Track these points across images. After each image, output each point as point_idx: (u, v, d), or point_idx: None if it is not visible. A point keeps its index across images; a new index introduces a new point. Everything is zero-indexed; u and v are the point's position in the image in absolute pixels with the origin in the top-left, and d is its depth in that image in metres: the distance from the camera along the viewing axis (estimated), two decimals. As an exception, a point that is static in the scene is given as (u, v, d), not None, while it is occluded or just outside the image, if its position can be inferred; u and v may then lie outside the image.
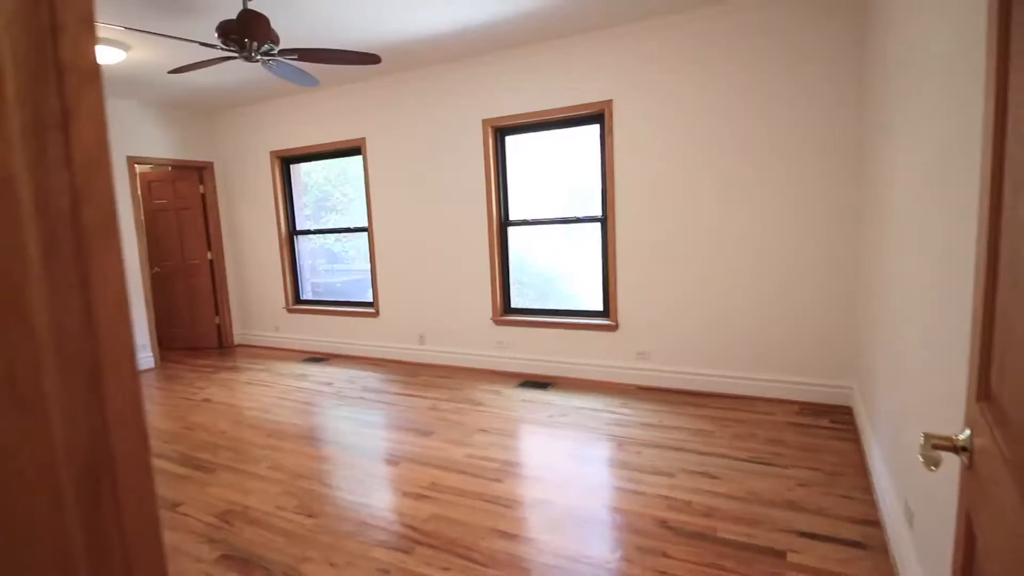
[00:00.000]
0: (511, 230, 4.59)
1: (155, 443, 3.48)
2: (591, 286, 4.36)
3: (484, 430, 3.40)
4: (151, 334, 5.50)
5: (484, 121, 4.43)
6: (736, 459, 2.81)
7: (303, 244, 5.92)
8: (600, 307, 4.26)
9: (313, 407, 4.04)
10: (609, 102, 3.91)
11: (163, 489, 2.85)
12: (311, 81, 3.44)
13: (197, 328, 6.24)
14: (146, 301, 5.46)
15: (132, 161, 5.35)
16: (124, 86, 4.83)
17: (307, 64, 4.23)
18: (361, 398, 4.18)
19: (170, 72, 3.21)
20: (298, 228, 5.86)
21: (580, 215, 4.28)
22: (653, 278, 3.92)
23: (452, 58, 4.41)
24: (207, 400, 4.33)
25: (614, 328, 4.09)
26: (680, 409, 3.57)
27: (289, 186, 5.79)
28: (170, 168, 6.05)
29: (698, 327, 3.81)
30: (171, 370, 5.37)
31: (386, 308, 5.20)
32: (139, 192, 5.60)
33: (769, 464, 2.73)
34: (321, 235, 5.97)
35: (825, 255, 3.39)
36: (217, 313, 6.21)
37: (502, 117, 4.34)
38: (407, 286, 5.03)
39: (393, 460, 3.05)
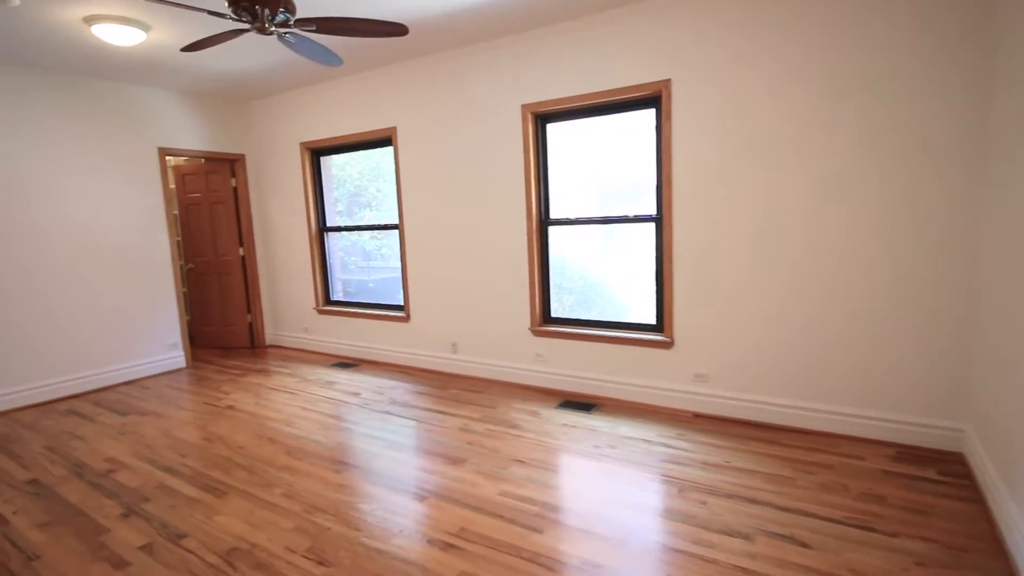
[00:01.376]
0: (552, 230, 4.15)
1: (171, 456, 3.21)
2: (641, 295, 3.88)
3: (521, 460, 2.99)
4: (182, 332, 5.30)
5: (523, 107, 3.98)
6: (827, 519, 2.30)
7: (334, 242, 5.62)
8: (652, 320, 3.78)
9: (337, 421, 3.70)
10: (667, 82, 3.41)
11: (170, 515, 2.55)
12: (334, 60, 3.07)
13: (229, 327, 6.03)
14: (177, 298, 5.25)
15: (163, 152, 5.13)
16: (152, 73, 4.59)
17: (329, 41, 3.89)
18: (388, 412, 3.82)
19: (182, 50, 2.90)
20: (328, 224, 5.56)
21: (630, 214, 3.80)
22: (716, 288, 3.41)
23: (488, 35, 3.98)
24: (231, 407, 4.06)
25: (668, 345, 3.60)
26: (748, 446, 3.07)
27: (319, 180, 5.49)
28: (203, 160, 5.85)
29: (769, 347, 3.29)
30: (201, 371, 5.16)
31: (417, 313, 4.84)
32: (171, 185, 5.40)
33: (870, 529, 2.22)
34: (355, 232, 5.66)
35: (931, 268, 2.82)
36: (249, 312, 5.99)
37: (543, 102, 3.89)
38: (439, 290, 4.66)
39: (419, 494, 2.67)
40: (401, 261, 4.88)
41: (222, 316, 6.04)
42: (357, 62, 4.51)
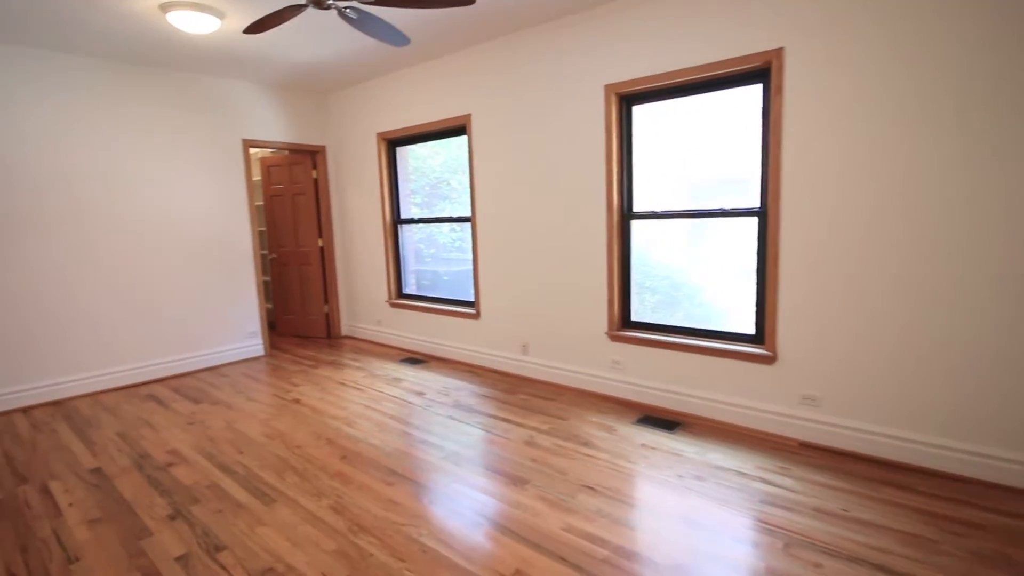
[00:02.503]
0: (634, 224, 3.65)
1: (230, 453, 3.09)
2: (736, 300, 3.31)
3: (591, 487, 2.57)
4: (262, 321, 5.33)
5: (607, 87, 3.51)
6: (997, 613, 1.72)
7: (409, 234, 5.42)
8: (750, 329, 3.20)
9: (398, 423, 3.46)
10: (779, 52, 2.81)
11: (214, 522, 2.38)
12: (401, 39, 2.78)
13: (308, 317, 6.04)
14: (257, 287, 5.28)
15: (248, 144, 5.14)
16: (236, 66, 4.56)
17: (395, 18, 3.60)
18: (451, 417, 3.53)
19: (245, 31, 2.72)
20: (402, 216, 5.36)
21: (727, 206, 3.23)
22: (832, 294, 2.80)
23: (567, 8, 3.53)
24: (296, 401, 3.94)
25: (771, 359, 3.02)
26: (872, 490, 2.46)
27: (395, 171, 5.30)
28: (287, 152, 5.85)
29: (899, 367, 2.64)
30: (277, 359, 5.15)
31: (488, 310, 4.52)
32: (252, 176, 5.42)
33: (1068, 639, 1.62)
34: (432, 225, 5.43)
35: None
36: (326, 303, 5.96)
37: (629, 81, 3.39)
38: (511, 286, 4.30)
39: (473, 521, 2.33)
40: (473, 255, 4.57)
41: (302, 306, 6.05)
42: (430, 48, 4.22)
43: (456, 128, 4.59)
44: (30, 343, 3.98)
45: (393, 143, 5.23)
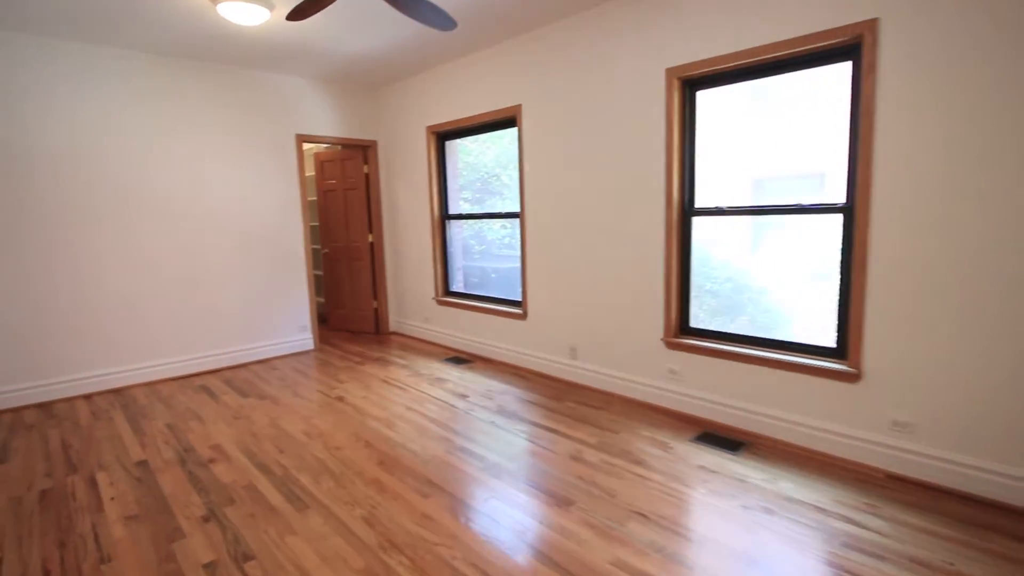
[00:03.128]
0: (695, 221, 3.33)
1: (270, 451, 3.03)
2: (813, 308, 2.93)
3: (642, 514, 2.31)
4: (312, 315, 5.33)
5: (668, 71, 3.19)
6: None
7: (458, 230, 5.27)
8: (830, 342, 2.83)
9: (439, 428, 3.29)
10: (872, 23, 2.42)
11: (246, 527, 2.29)
12: (448, 22, 2.58)
13: (357, 312, 6.02)
14: (308, 282, 5.27)
15: (301, 139, 5.13)
16: (286, 59, 4.52)
17: (445, 3, 3.41)
18: (493, 423, 3.33)
19: (288, 18, 2.60)
20: (450, 212, 5.21)
21: (805, 202, 2.86)
22: (932, 303, 2.39)
23: (634, -6, 3.25)
24: (340, 399, 3.86)
25: (854, 377, 2.65)
26: (980, 538, 2.07)
27: (443, 166, 5.15)
28: (340, 147, 5.83)
29: (1014, 391, 2.23)
30: (326, 354, 5.13)
31: (535, 310, 4.29)
32: (310, 172, 5.42)
33: None
34: (481, 221, 5.26)
35: None
36: (375, 298, 5.91)
37: (693, 64, 3.06)
38: (560, 286, 4.06)
39: (510, 545, 2.13)
40: (521, 252, 4.35)
41: (351, 301, 6.04)
42: (479, 37, 4.02)
43: (506, 120, 4.37)
44: (93, 331, 4.09)
45: (442, 137, 5.08)
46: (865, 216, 2.54)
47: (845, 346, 2.73)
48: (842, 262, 2.73)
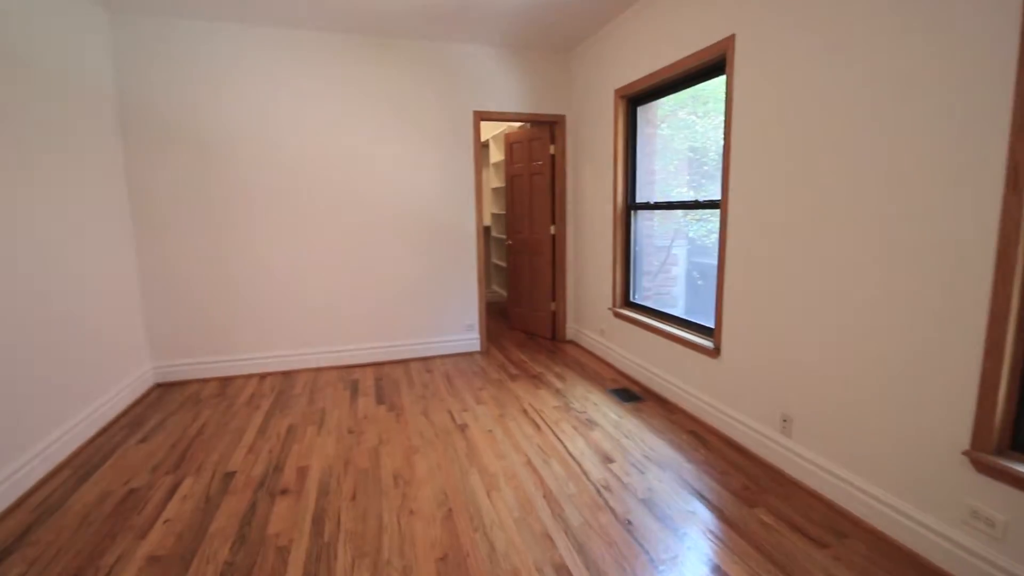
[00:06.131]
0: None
1: (344, 492, 2.42)
2: None
3: None
4: (480, 315, 4.72)
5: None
6: None
7: (647, 223, 4.00)
8: None
9: (547, 512, 2.23)
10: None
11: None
12: None
13: (535, 313, 5.23)
14: (479, 277, 4.67)
15: (479, 116, 4.49)
16: (463, 25, 3.86)
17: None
18: (629, 530, 2.12)
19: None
20: (638, 200, 3.96)
21: None
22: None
23: None
24: (462, 428, 3.09)
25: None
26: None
27: (633, 139, 3.91)
28: (529, 125, 5.05)
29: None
30: (487, 360, 4.46)
31: (733, 347, 2.83)
32: (478, 154, 4.76)
33: None
34: (690, 214, 3.90)
35: None
36: (553, 299, 5.03)
37: None
38: (772, 315, 2.53)
39: None
40: (718, 258, 2.92)
41: (530, 299, 5.27)
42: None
43: (712, 65, 2.95)
44: (266, 314, 4.13)
45: (633, 101, 3.84)
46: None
47: None
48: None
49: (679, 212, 3.79)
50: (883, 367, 2.00)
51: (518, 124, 5.52)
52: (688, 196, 3.69)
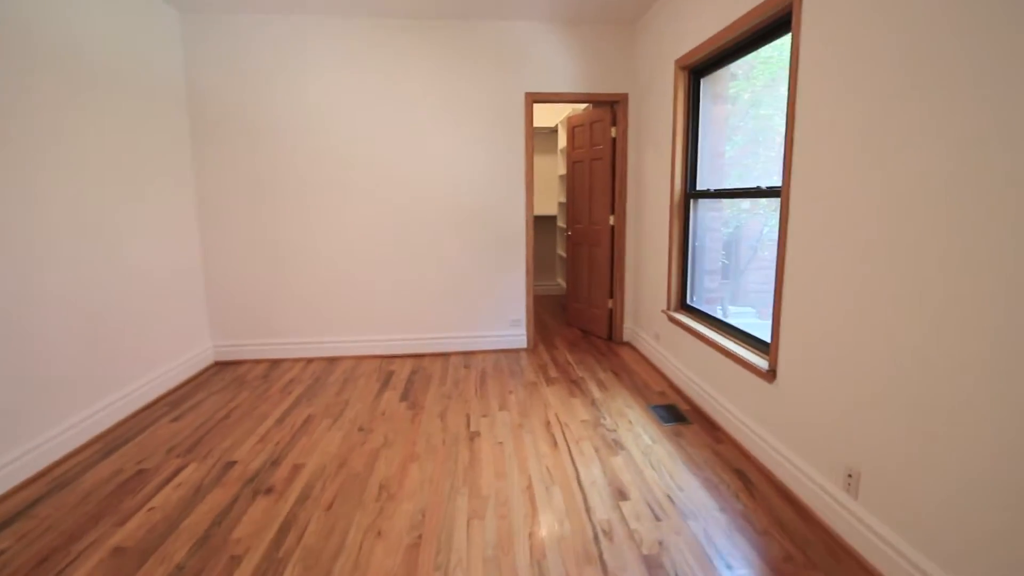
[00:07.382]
0: None
1: (325, 498, 2.25)
2: None
3: None
4: (528, 309, 4.38)
5: None
6: None
7: (711, 214, 3.38)
8: None
9: (531, 566, 1.86)
10: None
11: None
12: None
13: (592, 309, 4.77)
14: (527, 270, 4.32)
15: (531, 98, 4.11)
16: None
17: None
18: (616, 588, 1.71)
19: None
20: (698, 187, 3.35)
21: None
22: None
23: None
24: (472, 438, 2.80)
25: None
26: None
27: (695, 117, 3.31)
28: (591, 107, 4.57)
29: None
30: (531, 359, 4.12)
31: (791, 370, 2.23)
32: (530, 138, 4.38)
33: None
34: (761, 204, 3.25)
35: None
36: (611, 296, 4.54)
37: None
38: (844, 334, 1.90)
39: None
40: (777, 258, 2.31)
41: (588, 295, 4.82)
42: None
43: (775, 22, 2.32)
44: (314, 300, 4.12)
45: (695, 73, 3.24)
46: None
47: None
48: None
49: (763, 202, 3.16)
50: (992, 423, 1.38)
51: (582, 107, 5.05)
52: (771, 183, 3.04)
